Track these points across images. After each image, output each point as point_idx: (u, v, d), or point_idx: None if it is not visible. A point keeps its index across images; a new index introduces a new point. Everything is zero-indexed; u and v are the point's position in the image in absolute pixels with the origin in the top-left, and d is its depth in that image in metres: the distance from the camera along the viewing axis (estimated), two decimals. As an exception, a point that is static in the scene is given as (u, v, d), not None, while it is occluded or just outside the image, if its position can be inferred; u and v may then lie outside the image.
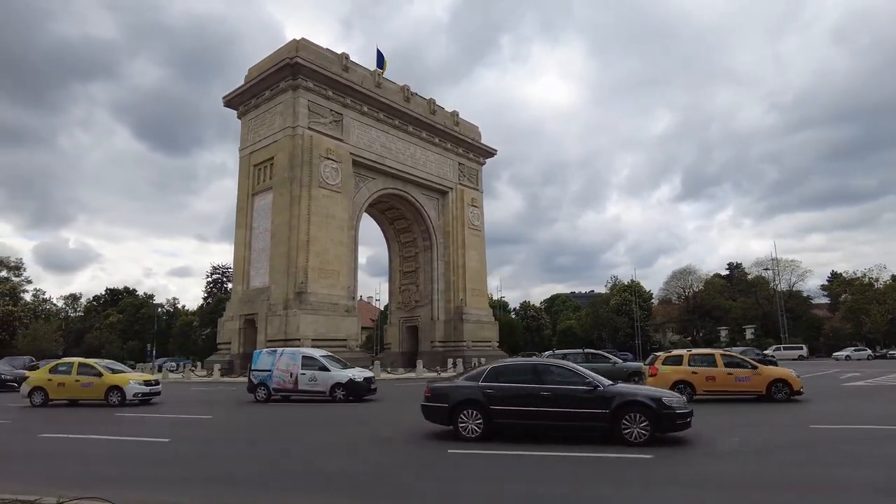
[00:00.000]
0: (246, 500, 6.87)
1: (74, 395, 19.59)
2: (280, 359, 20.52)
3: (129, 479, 8.05)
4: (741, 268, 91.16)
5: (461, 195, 53.97)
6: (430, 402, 11.17)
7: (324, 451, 10.52)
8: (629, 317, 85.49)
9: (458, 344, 49.96)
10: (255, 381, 20.73)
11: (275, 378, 20.36)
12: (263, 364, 20.78)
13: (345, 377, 19.66)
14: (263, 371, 20.66)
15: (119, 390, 19.12)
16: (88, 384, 19.41)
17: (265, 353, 21.20)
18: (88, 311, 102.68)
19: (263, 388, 20.50)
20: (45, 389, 19.48)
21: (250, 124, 45.17)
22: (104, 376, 19.49)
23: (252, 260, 42.93)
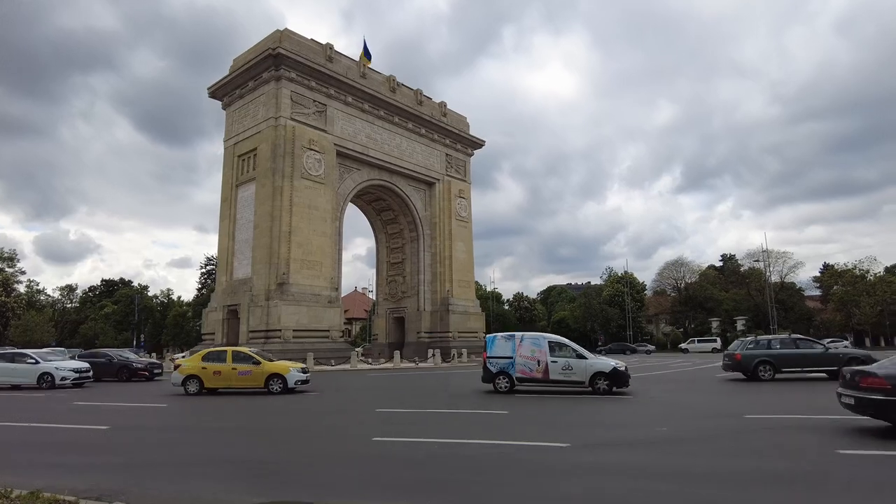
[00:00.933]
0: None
1: (232, 383, 19.37)
2: (521, 344, 18.30)
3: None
4: (734, 259, 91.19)
5: (448, 186, 53.92)
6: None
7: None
8: (621, 308, 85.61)
9: (445, 335, 50.15)
10: (493, 370, 18.38)
11: (518, 366, 18.16)
12: (502, 350, 18.45)
13: (608, 366, 17.73)
14: (503, 358, 18.31)
15: (281, 378, 19.18)
16: (247, 372, 19.33)
17: (501, 339, 18.79)
18: (84, 302, 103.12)
19: (504, 377, 18.25)
20: (200, 378, 19.21)
21: (235, 115, 45.15)
22: (263, 364, 19.48)
23: (236, 251, 43.04)
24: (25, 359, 23.76)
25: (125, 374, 27.27)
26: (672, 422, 11.97)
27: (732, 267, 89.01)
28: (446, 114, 55.02)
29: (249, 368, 19.36)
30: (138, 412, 15.62)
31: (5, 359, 24.12)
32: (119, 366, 27.54)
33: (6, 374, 23.32)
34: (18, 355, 24.49)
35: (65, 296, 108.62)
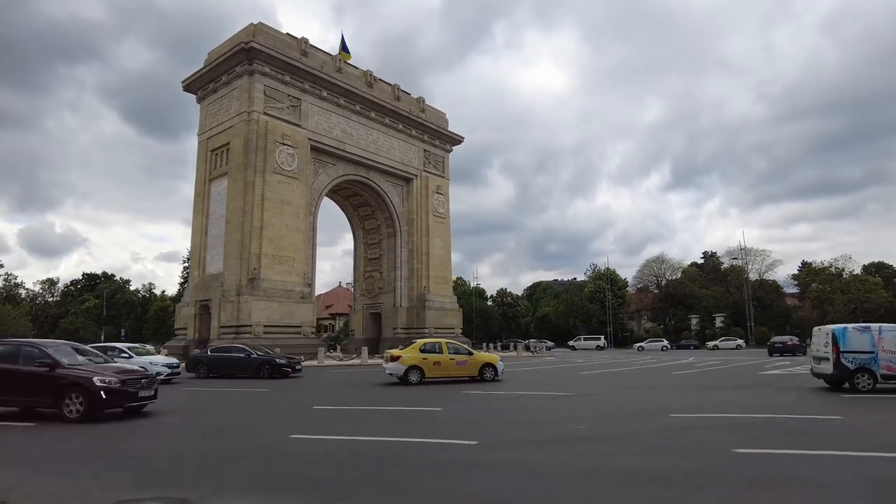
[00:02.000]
0: None
1: (450, 373, 20.85)
2: (882, 337, 16.28)
3: None
4: (715, 257, 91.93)
5: (426, 182, 53.92)
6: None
7: None
8: (602, 304, 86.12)
9: (421, 330, 50.15)
10: (850, 366, 16.25)
11: (882, 361, 16.11)
12: (859, 344, 16.35)
13: None
14: (862, 353, 16.24)
15: (492, 367, 21.31)
16: (463, 362, 21.11)
17: (853, 330, 16.68)
18: (65, 296, 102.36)
19: (866, 374, 16.18)
20: (421, 368, 20.27)
21: (208, 109, 44.85)
22: (475, 355, 21.74)
23: (208, 246, 42.85)
24: (119, 353, 21.94)
25: (266, 370, 24.27)
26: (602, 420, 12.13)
27: (713, 264, 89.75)
28: (424, 109, 54.95)
29: (465, 359, 21.28)
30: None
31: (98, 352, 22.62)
32: (259, 362, 24.56)
33: None
34: (110, 349, 22.49)
35: (46, 289, 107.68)
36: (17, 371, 11.85)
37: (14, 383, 11.90)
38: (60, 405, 11.51)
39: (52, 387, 11.56)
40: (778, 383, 20.42)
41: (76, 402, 11.42)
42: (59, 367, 11.72)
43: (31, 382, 11.76)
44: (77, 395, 11.43)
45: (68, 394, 11.46)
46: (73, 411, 11.41)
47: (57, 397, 11.55)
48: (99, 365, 12.85)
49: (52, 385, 11.56)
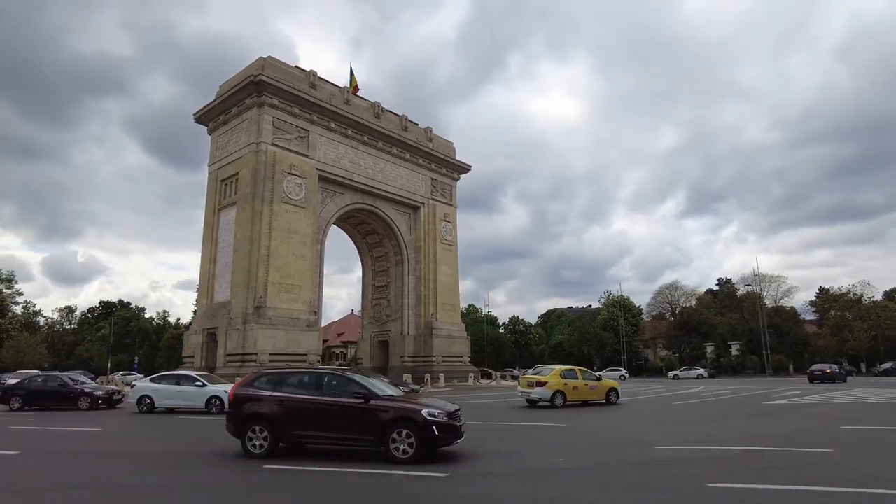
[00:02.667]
0: None
1: (584, 397, 22.93)
2: None
3: None
4: (730, 283, 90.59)
5: (433, 210, 54.23)
6: None
7: None
8: (616, 332, 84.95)
9: (428, 359, 49.88)
10: None
11: None
12: None
13: None
14: None
15: (615, 391, 24.01)
16: (594, 387, 23.41)
17: None
18: (82, 324, 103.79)
19: None
20: (564, 392, 22.12)
21: (219, 140, 45.87)
22: (602, 380, 24.49)
23: (217, 274, 43.29)
24: (193, 382, 22.16)
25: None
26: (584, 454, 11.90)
27: (728, 291, 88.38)
28: (432, 139, 55.61)
29: (596, 384, 23.57)
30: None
31: (171, 380, 22.66)
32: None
33: (173, 398, 21.87)
34: (184, 378, 22.83)
35: (64, 317, 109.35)
36: (326, 404, 10.51)
37: (328, 419, 10.43)
38: (385, 443, 9.93)
39: (373, 422, 10.07)
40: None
41: (405, 440, 9.86)
42: (374, 398, 10.33)
43: (346, 417, 10.30)
44: (405, 431, 9.88)
45: (394, 430, 9.92)
46: (402, 450, 9.83)
47: (380, 434, 10.01)
48: (408, 396, 11.89)
49: (373, 420, 10.08)
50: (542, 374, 23.45)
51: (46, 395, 24.53)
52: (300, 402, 10.77)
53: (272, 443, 10.64)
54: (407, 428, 9.92)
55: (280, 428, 10.68)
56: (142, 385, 22.84)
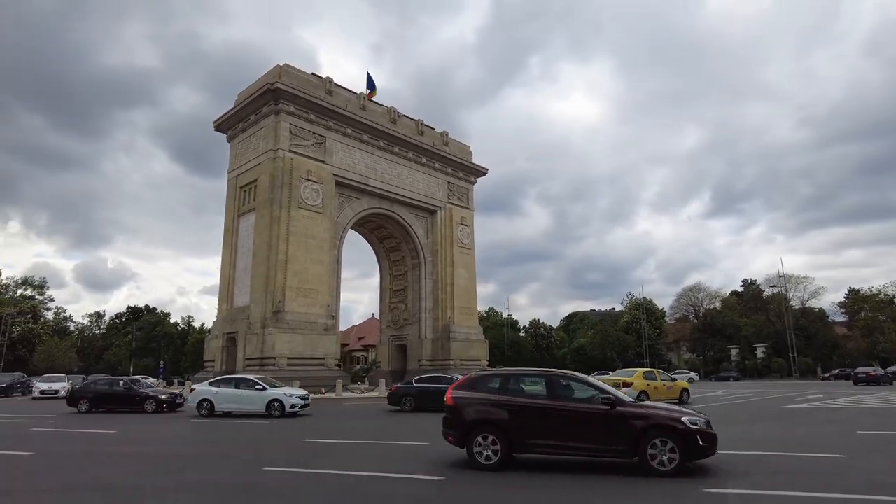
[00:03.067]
0: None
1: (663, 396, 23.46)
2: None
3: None
4: (755, 284, 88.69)
5: (450, 214, 54.29)
6: None
7: None
8: (639, 335, 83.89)
9: (446, 362, 49.85)
10: None
11: None
12: None
13: None
14: None
15: (687, 391, 25.61)
16: (670, 387, 24.81)
17: None
18: (110, 329, 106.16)
19: None
20: (647, 393, 22.70)
21: (238, 147, 46.65)
22: (677, 381, 26.09)
23: (236, 279, 43.98)
24: (253, 385, 22.15)
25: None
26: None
27: (753, 292, 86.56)
28: (448, 143, 55.72)
29: (671, 384, 24.90)
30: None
31: (230, 384, 22.65)
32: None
33: (233, 401, 21.91)
34: (243, 381, 22.79)
35: (93, 322, 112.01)
36: (567, 410, 9.60)
37: (569, 426, 9.53)
38: (642, 454, 9.14)
39: (625, 430, 9.28)
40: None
41: (665, 451, 9.05)
42: (620, 404, 9.51)
43: (590, 424, 9.46)
44: (665, 440, 9.09)
45: (652, 439, 9.11)
46: (664, 462, 9.02)
47: (634, 444, 9.20)
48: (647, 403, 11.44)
49: (625, 428, 9.28)
50: (624, 376, 24.93)
51: (113, 398, 24.99)
52: (536, 407, 9.77)
53: (504, 453, 9.60)
54: (667, 437, 9.09)
55: (513, 436, 9.66)
56: (201, 389, 22.84)
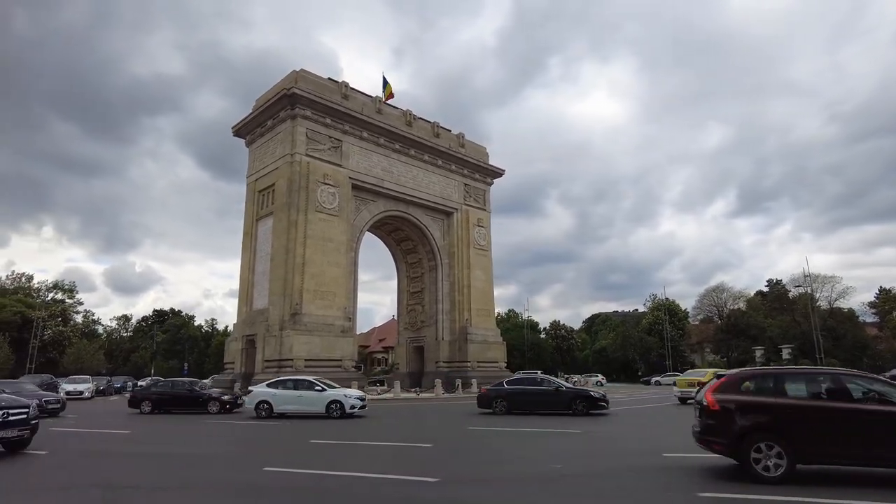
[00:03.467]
0: None
1: None
2: None
3: None
4: (781, 284, 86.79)
5: (466, 215, 54.33)
6: None
7: None
8: (661, 337, 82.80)
9: (463, 364, 49.90)
10: None
11: None
12: None
13: None
14: None
15: None
16: None
17: None
18: (137, 332, 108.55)
19: None
20: None
21: (256, 152, 47.37)
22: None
23: (255, 282, 44.65)
24: (312, 386, 22.36)
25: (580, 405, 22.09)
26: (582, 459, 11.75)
27: (777, 292, 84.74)
28: (464, 144, 55.78)
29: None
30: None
31: (289, 386, 22.81)
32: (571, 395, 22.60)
33: (292, 403, 22.14)
34: (301, 382, 22.88)
35: (121, 325, 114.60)
36: (879, 415, 8.46)
37: (875, 434, 8.39)
38: None
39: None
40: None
41: None
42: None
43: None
44: None
45: None
46: None
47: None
48: None
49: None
50: (697, 376, 25.96)
51: (176, 400, 25.43)
52: (832, 412, 8.65)
53: (790, 463, 8.63)
54: None
55: (798, 444, 8.65)
56: (259, 390, 22.93)
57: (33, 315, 71.13)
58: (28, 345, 66.71)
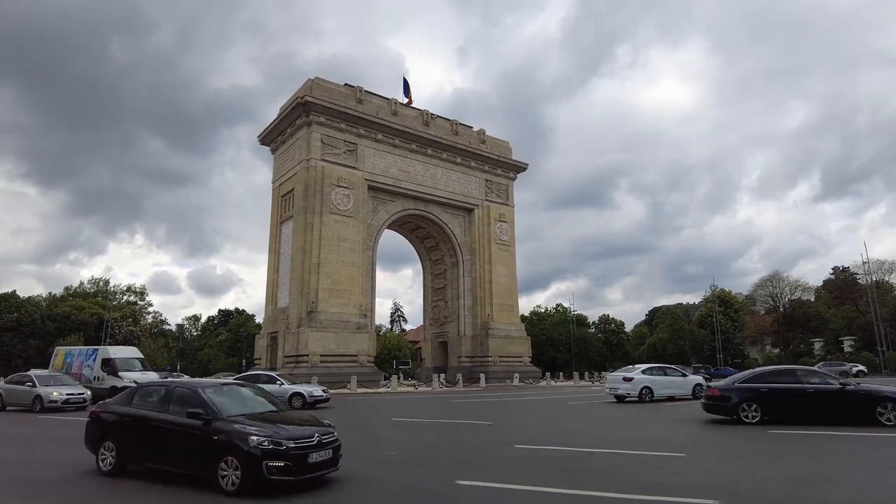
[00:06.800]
0: None
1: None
2: None
3: None
4: (848, 272, 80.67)
5: (488, 211, 54.56)
6: None
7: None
8: (713, 329, 79.25)
9: (485, 359, 50.35)
10: None
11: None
12: None
13: None
14: None
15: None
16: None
17: None
18: (204, 331, 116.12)
19: None
20: None
21: (279, 159, 49.85)
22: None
23: (279, 282, 47.11)
24: (676, 373, 26.33)
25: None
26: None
27: (842, 281, 78.90)
28: (485, 140, 55.96)
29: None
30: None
31: (660, 372, 26.08)
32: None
33: (667, 387, 25.00)
34: (669, 369, 26.67)
35: (191, 324, 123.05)
36: None
37: None
38: None
39: None
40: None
41: None
42: None
43: None
44: None
45: None
46: None
47: None
48: None
49: None
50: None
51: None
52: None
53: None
54: None
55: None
56: (640, 378, 25.45)
57: (108, 316, 77.97)
58: (102, 343, 73.43)
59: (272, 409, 9.25)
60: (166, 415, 8.83)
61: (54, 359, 33.82)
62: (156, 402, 9.27)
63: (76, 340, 72.31)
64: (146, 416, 9.06)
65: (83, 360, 31.82)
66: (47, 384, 23.09)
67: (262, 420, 8.49)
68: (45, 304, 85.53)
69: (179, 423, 8.50)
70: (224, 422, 8.19)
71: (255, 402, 9.42)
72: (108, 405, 9.99)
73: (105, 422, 9.54)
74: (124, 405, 9.59)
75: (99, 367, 30.32)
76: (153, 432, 8.89)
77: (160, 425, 8.80)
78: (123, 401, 9.76)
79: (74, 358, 32.49)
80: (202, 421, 8.23)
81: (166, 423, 8.71)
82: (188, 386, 9.47)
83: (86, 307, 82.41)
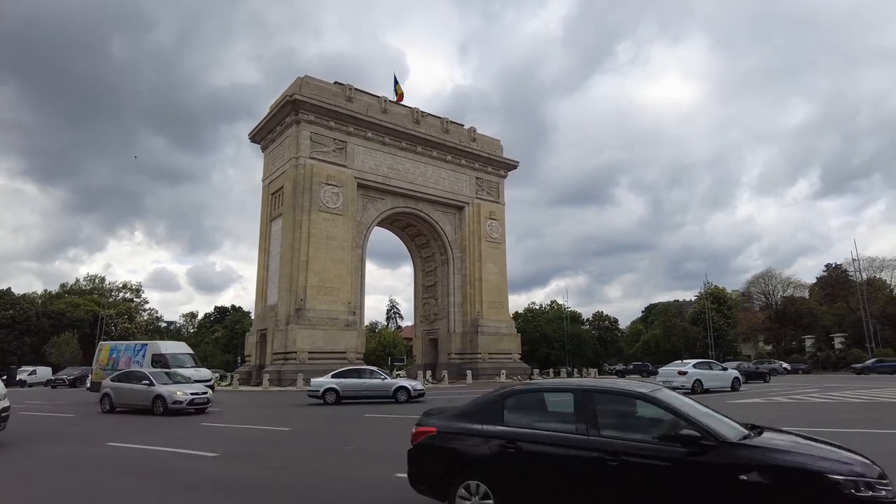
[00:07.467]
0: None
1: None
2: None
3: None
4: (840, 269, 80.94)
5: (478, 209, 54.78)
6: None
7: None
8: (706, 326, 79.60)
9: (474, 356, 50.64)
10: None
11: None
12: None
13: None
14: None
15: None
16: None
17: None
18: (200, 328, 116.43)
19: None
20: None
21: (269, 157, 50.06)
22: None
23: (269, 280, 47.38)
24: (714, 366, 30.07)
25: None
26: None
27: (834, 278, 79.20)
28: (476, 139, 56.16)
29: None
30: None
31: (705, 366, 29.08)
32: None
33: (712, 380, 28.09)
34: (709, 363, 30.48)
35: (188, 321, 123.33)
36: None
37: None
38: None
39: None
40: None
41: None
42: None
43: None
44: None
45: None
46: None
47: None
48: None
49: None
50: None
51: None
52: None
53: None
54: None
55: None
56: (693, 372, 27.76)
57: (103, 314, 78.24)
58: (96, 340, 73.72)
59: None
60: (616, 441, 5.11)
61: (98, 354, 31.45)
62: (557, 417, 5.65)
63: (70, 338, 72.70)
64: (558, 441, 5.36)
65: (131, 355, 29.52)
66: (164, 382, 20.34)
67: None
68: (40, 301, 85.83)
69: (652, 452, 4.92)
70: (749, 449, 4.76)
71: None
72: (455, 425, 5.98)
73: (462, 452, 5.75)
74: (493, 424, 5.74)
75: (149, 364, 28.53)
76: (575, 469, 5.20)
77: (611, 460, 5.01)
78: (481, 416, 5.90)
79: (121, 353, 30.01)
80: (698, 448, 4.73)
81: (626, 452, 5.01)
82: (625, 391, 5.66)
83: (81, 304, 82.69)
